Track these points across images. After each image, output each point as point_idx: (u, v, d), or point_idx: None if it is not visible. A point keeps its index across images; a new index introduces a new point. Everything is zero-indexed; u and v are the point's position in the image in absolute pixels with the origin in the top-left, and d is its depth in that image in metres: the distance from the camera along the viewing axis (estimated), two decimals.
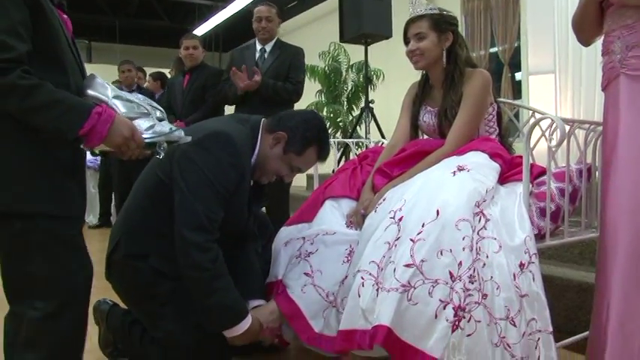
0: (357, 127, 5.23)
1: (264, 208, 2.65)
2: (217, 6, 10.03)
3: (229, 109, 3.73)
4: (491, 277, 1.44)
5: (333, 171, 3.04)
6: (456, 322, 1.37)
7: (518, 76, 6.54)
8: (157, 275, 1.69)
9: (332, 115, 6.07)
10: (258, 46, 3.49)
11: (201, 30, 10.26)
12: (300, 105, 3.60)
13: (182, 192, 1.61)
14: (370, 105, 4.99)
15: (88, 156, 4.85)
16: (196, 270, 1.59)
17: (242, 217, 1.80)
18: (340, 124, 6.01)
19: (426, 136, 2.15)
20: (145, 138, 1.31)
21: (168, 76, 5.58)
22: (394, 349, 1.38)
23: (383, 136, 4.44)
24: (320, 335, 1.69)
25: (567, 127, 1.67)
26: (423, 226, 1.48)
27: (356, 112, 5.93)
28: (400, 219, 1.56)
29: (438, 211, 1.49)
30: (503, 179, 1.75)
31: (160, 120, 1.37)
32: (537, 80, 5.54)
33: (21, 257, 1.23)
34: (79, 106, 1.21)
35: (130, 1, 10.63)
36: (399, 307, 1.39)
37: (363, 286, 1.52)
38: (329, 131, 5.78)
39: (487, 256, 1.46)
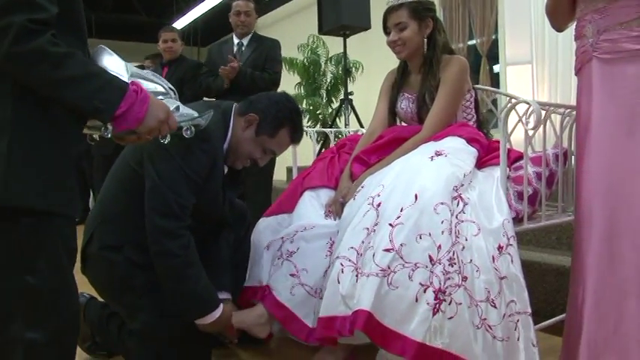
0: (337, 120, 5.22)
1: (244, 200, 2.64)
2: (195, 0, 9.93)
3: None
4: (471, 259, 1.45)
5: None
6: (437, 305, 1.37)
7: (496, 68, 6.59)
8: (133, 266, 1.67)
9: (311, 108, 6.04)
10: (236, 40, 3.55)
11: (179, 24, 10.12)
12: None
13: (153, 179, 1.59)
14: (349, 97, 4.98)
15: None
16: (167, 257, 1.58)
17: (217, 203, 1.78)
18: (320, 116, 5.99)
19: (404, 123, 2.15)
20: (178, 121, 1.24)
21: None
22: (375, 334, 1.38)
23: (362, 127, 4.44)
24: (314, 329, 1.67)
25: (543, 112, 1.69)
26: (401, 210, 1.48)
27: (335, 105, 5.91)
28: (378, 205, 1.56)
29: (416, 196, 1.50)
30: (480, 164, 1.76)
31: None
32: (515, 71, 5.60)
33: (23, 265, 1.03)
34: (115, 82, 1.07)
35: None
36: (379, 291, 1.39)
37: (342, 272, 1.51)
38: (308, 123, 5.83)
39: (466, 239, 1.47)
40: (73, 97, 1.02)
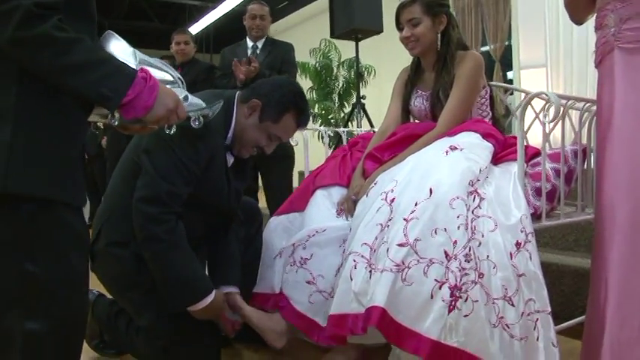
0: (349, 124, 5.19)
1: (264, 199, 2.59)
2: (207, 7, 9.98)
3: None
4: (488, 256, 1.40)
5: None
6: (453, 302, 1.33)
7: (509, 75, 6.54)
8: (140, 262, 1.64)
9: (323, 112, 6.03)
10: (250, 43, 3.55)
11: (192, 31, 10.15)
12: None
13: (147, 170, 1.57)
14: (362, 101, 4.95)
15: None
16: (152, 242, 1.55)
17: (219, 194, 1.74)
18: (332, 120, 5.98)
19: (417, 122, 2.11)
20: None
21: None
22: (389, 332, 1.34)
23: (374, 129, 4.41)
24: (324, 329, 1.62)
25: (562, 105, 1.64)
26: (415, 205, 1.44)
27: (347, 109, 5.89)
28: (392, 200, 1.52)
29: (431, 190, 1.45)
30: (496, 160, 1.72)
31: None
32: (529, 74, 5.54)
33: (23, 252, 0.99)
34: (123, 69, 1.03)
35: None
36: (393, 287, 1.35)
37: (355, 268, 1.47)
38: (320, 127, 5.78)
39: (482, 235, 1.42)
40: (79, 85, 0.99)
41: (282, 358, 1.84)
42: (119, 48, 1.15)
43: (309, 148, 2.58)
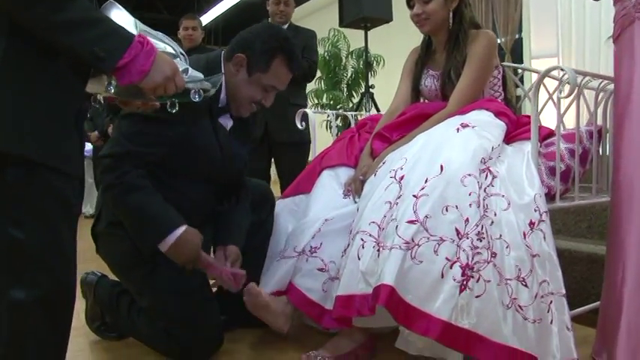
0: (358, 116, 5.14)
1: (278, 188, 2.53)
2: None
3: None
4: (500, 235, 1.35)
5: None
6: (464, 282, 1.28)
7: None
8: None
9: (332, 102, 5.97)
10: None
11: (202, 22, 10.16)
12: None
13: (114, 136, 1.59)
14: (370, 90, 4.89)
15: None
16: (107, 190, 1.57)
17: (212, 159, 1.69)
18: (340, 110, 5.92)
19: (427, 101, 2.05)
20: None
21: None
22: (398, 312, 1.29)
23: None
24: (329, 311, 1.58)
25: (579, 79, 1.58)
26: (426, 181, 1.39)
27: (356, 99, 5.83)
28: (401, 178, 1.47)
29: (441, 167, 1.40)
30: (509, 139, 1.66)
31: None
32: (540, 64, 5.47)
33: (8, 217, 0.94)
34: (120, 31, 0.99)
35: None
36: (402, 265, 1.30)
37: (362, 247, 1.43)
38: (329, 118, 5.74)
39: (495, 214, 1.37)
40: (73, 42, 0.94)
41: (286, 342, 1.79)
42: (119, 16, 1.11)
43: (317, 138, 2.53)
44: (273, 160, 3.38)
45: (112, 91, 1.06)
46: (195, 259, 1.57)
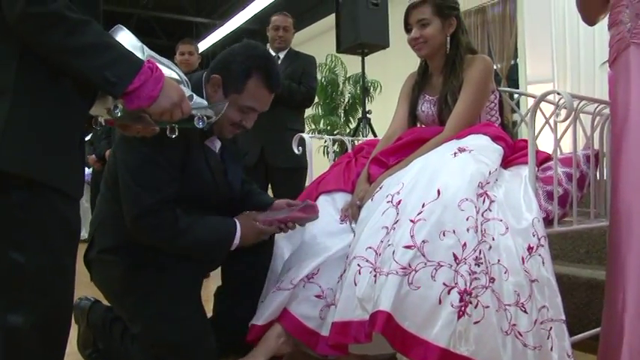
0: (355, 141, 5.15)
1: None
2: (215, 24, 10.05)
3: None
4: (499, 260, 1.33)
5: None
6: (462, 308, 1.26)
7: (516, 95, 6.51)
8: (130, 268, 1.60)
9: (329, 127, 5.99)
10: (272, 54, 3.48)
11: (199, 48, 10.25)
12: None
13: (124, 180, 1.52)
14: (367, 116, 4.91)
15: None
16: (166, 244, 1.56)
17: (205, 184, 1.66)
18: (337, 135, 5.94)
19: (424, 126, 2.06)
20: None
21: None
22: (394, 339, 1.26)
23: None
24: (324, 337, 1.54)
25: (575, 103, 1.58)
26: (423, 206, 1.38)
27: (353, 124, 5.85)
28: (398, 202, 1.46)
29: (439, 191, 1.40)
30: (506, 163, 1.66)
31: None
32: (536, 89, 5.51)
33: (9, 240, 0.94)
34: (130, 57, 1.01)
35: (128, 19, 10.66)
36: (399, 291, 1.28)
37: (359, 273, 1.41)
38: (326, 143, 5.76)
39: (493, 239, 1.36)
40: (84, 67, 0.97)
41: None
42: (127, 40, 1.13)
43: (313, 164, 2.52)
44: (269, 185, 3.36)
45: (119, 115, 1.07)
46: (261, 235, 1.67)
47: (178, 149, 1.54)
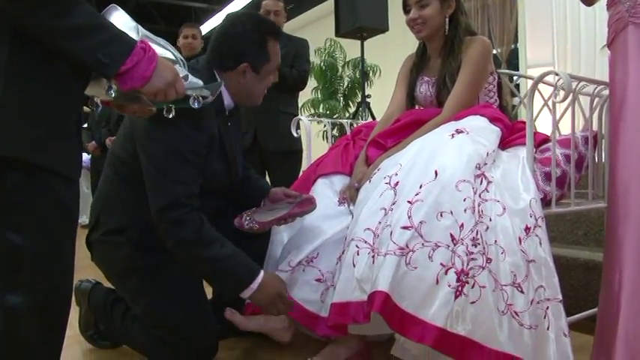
0: (354, 124, 5.14)
1: None
2: (214, 9, 9.98)
3: None
4: (496, 240, 1.34)
5: None
6: (459, 288, 1.27)
7: (516, 79, 6.47)
8: (136, 249, 1.61)
9: (328, 112, 5.97)
10: None
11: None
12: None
13: (148, 172, 1.51)
14: (367, 100, 4.89)
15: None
16: (183, 246, 1.50)
17: (221, 176, 1.70)
18: (337, 119, 5.92)
19: (422, 108, 2.05)
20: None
21: None
22: (392, 318, 1.27)
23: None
24: (324, 318, 1.56)
25: (574, 84, 1.57)
26: (420, 187, 1.38)
27: (352, 109, 5.83)
28: (396, 184, 1.46)
29: (436, 172, 1.40)
30: (504, 144, 1.66)
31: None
32: (536, 73, 5.49)
33: (7, 221, 0.94)
34: (123, 37, 1.00)
35: (126, 3, 10.58)
36: (397, 271, 1.29)
37: (357, 254, 1.42)
38: (325, 128, 5.75)
39: (490, 219, 1.36)
40: (76, 48, 0.95)
41: (281, 350, 1.78)
42: (121, 20, 1.12)
43: (312, 148, 2.52)
44: (266, 171, 3.36)
45: (113, 95, 1.06)
46: (278, 299, 1.56)
47: (202, 141, 1.55)
